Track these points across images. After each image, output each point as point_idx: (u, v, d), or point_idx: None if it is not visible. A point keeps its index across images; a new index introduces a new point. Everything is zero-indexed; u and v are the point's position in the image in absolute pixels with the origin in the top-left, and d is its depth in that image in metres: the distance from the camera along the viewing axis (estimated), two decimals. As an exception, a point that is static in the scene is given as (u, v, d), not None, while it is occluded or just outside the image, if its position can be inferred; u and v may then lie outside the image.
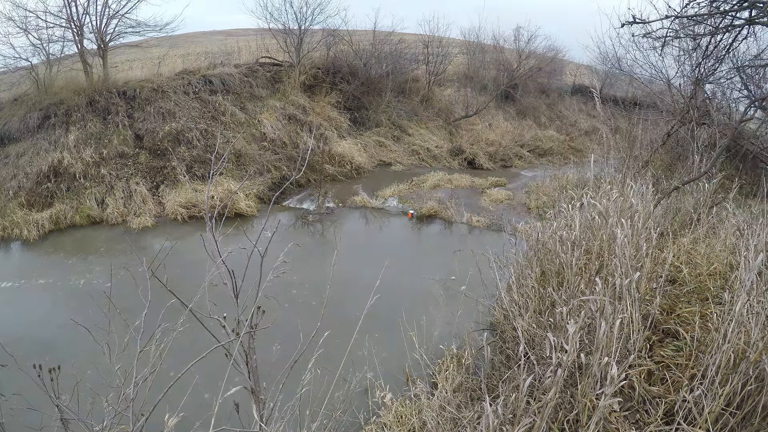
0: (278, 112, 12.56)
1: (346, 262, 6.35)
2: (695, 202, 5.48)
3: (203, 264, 2.20)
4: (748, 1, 3.93)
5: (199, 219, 8.54)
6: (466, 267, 5.18)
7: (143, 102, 10.68)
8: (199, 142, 10.39)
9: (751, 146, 6.98)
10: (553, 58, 19.43)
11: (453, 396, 3.25)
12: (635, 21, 4.24)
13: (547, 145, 16.34)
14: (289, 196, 10.22)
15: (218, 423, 1.95)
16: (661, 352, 2.97)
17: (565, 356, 2.38)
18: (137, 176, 9.43)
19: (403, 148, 14.16)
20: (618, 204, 4.17)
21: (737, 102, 7.99)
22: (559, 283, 3.86)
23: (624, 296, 2.99)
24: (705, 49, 5.88)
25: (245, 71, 13.10)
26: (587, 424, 2.35)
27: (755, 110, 6.47)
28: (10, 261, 7.26)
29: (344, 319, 3.41)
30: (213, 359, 1.98)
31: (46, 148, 9.36)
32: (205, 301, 2.11)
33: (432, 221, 8.87)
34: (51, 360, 4.11)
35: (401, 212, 9.32)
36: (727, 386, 2.27)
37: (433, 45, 16.54)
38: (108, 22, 11.32)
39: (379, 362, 3.89)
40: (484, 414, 2.47)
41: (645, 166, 6.42)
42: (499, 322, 4.23)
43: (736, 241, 4.05)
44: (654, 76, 9.51)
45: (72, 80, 10.85)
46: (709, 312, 3.04)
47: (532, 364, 2.89)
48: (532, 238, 4.87)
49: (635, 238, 3.76)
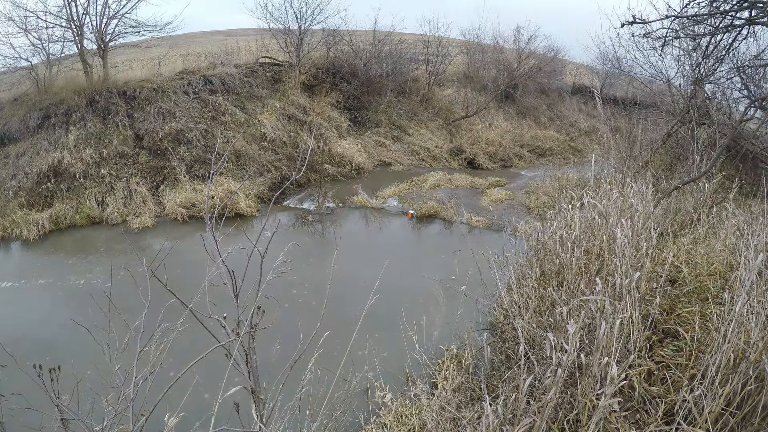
0: (278, 112, 12.56)
1: (346, 262, 6.36)
2: (695, 202, 5.48)
3: (203, 264, 2.20)
4: (748, 1, 3.93)
5: (199, 219, 8.54)
6: (466, 267, 5.18)
7: (143, 102, 10.68)
8: (199, 142, 10.39)
9: (751, 146, 6.98)
10: (553, 58, 19.42)
11: (453, 396, 3.25)
12: (635, 21, 4.24)
13: (547, 145, 16.34)
14: (289, 196, 10.22)
15: (218, 423, 1.95)
16: (661, 352, 2.97)
17: (565, 356, 2.38)
18: (137, 176, 9.43)
19: (403, 148, 14.16)
20: (618, 204, 4.17)
21: (737, 102, 7.99)
22: (559, 283, 3.86)
23: (624, 296, 2.99)
24: (705, 49, 5.88)
25: (245, 71, 13.10)
26: (587, 424, 2.35)
27: (755, 110, 6.47)
28: (10, 261, 7.26)
29: (344, 319, 3.41)
30: (213, 359, 1.98)
31: (46, 148, 9.36)
32: (205, 301, 2.11)
33: (432, 221, 8.87)
34: (51, 360, 4.11)
35: (401, 212, 9.32)
36: (727, 386, 2.27)
37: (433, 45, 16.54)
38: (108, 22, 11.34)
39: (379, 362, 3.89)
40: (484, 414, 2.47)
41: (645, 166, 6.42)
42: (499, 322, 4.23)
43: (736, 241, 4.05)
44: (654, 76, 9.52)
45: (72, 80, 10.85)
46: (709, 312, 3.04)
47: (532, 364, 2.89)
48: (532, 238, 4.87)
49: (635, 238, 3.75)
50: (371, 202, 9.75)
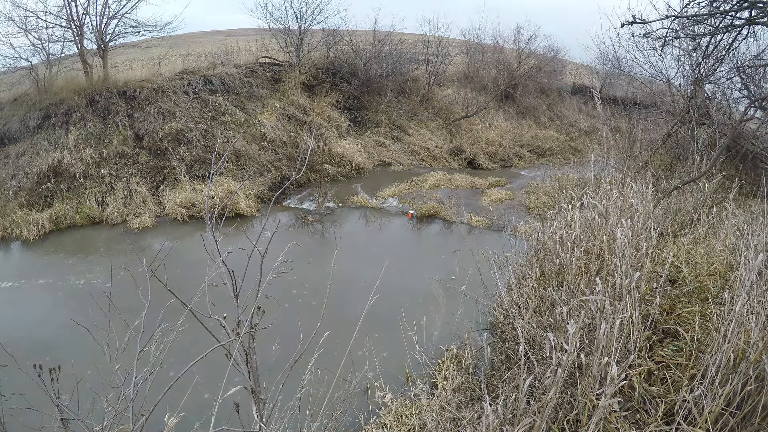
0: (278, 112, 12.56)
1: (346, 262, 6.36)
2: (695, 202, 5.48)
3: (203, 264, 2.20)
4: (748, 1, 3.94)
5: (199, 219, 8.54)
6: (466, 267, 5.18)
7: (143, 102, 10.68)
8: (199, 142, 10.39)
9: (751, 146, 6.98)
10: (553, 58, 19.42)
11: (453, 396, 3.25)
12: (635, 21, 4.24)
13: (547, 145, 16.34)
14: (289, 196, 10.22)
15: (218, 423, 1.95)
16: (661, 352, 2.97)
17: (565, 356, 2.38)
18: (137, 176, 9.43)
19: (403, 148, 14.16)
20: (618, 204, 4.17)
21: (737, 102, 7.99)
22: (559, 283, 3.85)
23: (624, 296, 2.99)
24: (705, 49, 5.88)
25: (245, 71, 13.10)
26: (587, 424, 2.35)
27: (755, 110, 6.47)
28: (10, 261, 7.26)
29: (344, 319, 3.41)
30: (213, 359, 1.98)
31: (46, 148, 9.36)
32: (205, 301, 2.11)
33: (432, 221, 8.87)
34: (51, 360, 4.11)
35: (401, 212, 9.32)
36: (727, 386, 2.27)
37: (433, 45, 16.54)
38: (108, 22, 11.35)
39: (379, 362, 3.88)
40: (484, 414, 2.47)
41: (645, 166, 6.42)
42: (499, 322, 4.23)
43: (736, 241, 4.05)
44: (654, 76, 9.52)
45: (72, 80, 10.86)
46: (709, 312, 3.04)
47: (532, 364, 2.89)
48: (532, 238, 4.87)
49: (635, 238, 3.75)
50: (371, 202, 9.75)
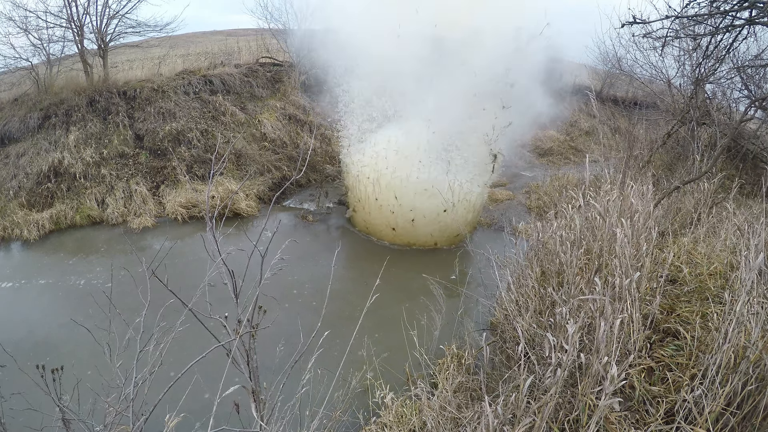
0: (278, 112, 12.56)
1: (347, 261, 6.36)
2: (695, 201, 5.48)
3: (203, 264, 2.20)
4: (748, 1, 3.93)
5: (199, 219, 8.54)
6: (466, 267, 5.18)
7: (143, 102, 10.68)
8: (199, 142, 10.39)
9: (751, 146, 6.98)
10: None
11: (453, 396, 3.25)
12: (635, 21, 4.24)
13: (547, 145, 16.33)
14: (289, 196, 10.22)
15: (218, 423, 1.95)
16: (661, 352, 2.97)
17: (565, 356, 2.38)
18: (137, 176, 9.43)
19: (403, 148, 14.13)
20: (618, 204, 4.17)
21: (737, 102, 8.00)
22: (559, 283, 3.85)
23: (624, 296, 2.99)
24: (705, 49, 5.87)
25: (245, 71, 13.10)
26: (587, 423, 2.35)
27: (755, 110, 6.48)
28: (11, 261, 7.26)
29: (344, 318, 3.41)
30: (213, 359, 1.99)
31: (47, 148, 9.36)
32: (205, 301, 2.11)
33: (432, 221, 8.84)
34: (52, 360, 4.11)
35: (401, 212, 9.29)
36: (728, 386, 2.27)
37: (433, 45, 16.51)
38: (108, 22, 11.32)
39: (379, 362, 3.89)
40: (484, 414, 2.47)
41: (645, 166, 6.42)
42: (499, 322, 4.23)
43: (736, 240, 4.05)
44: (654, 76, 9.53)
45: (72, 80, 10.84)
46: (710, 311, 3.03)
47: (532, 364, 2.89)
48: (532, 238, 4.87)
49: (635, 237, 3.75)
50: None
